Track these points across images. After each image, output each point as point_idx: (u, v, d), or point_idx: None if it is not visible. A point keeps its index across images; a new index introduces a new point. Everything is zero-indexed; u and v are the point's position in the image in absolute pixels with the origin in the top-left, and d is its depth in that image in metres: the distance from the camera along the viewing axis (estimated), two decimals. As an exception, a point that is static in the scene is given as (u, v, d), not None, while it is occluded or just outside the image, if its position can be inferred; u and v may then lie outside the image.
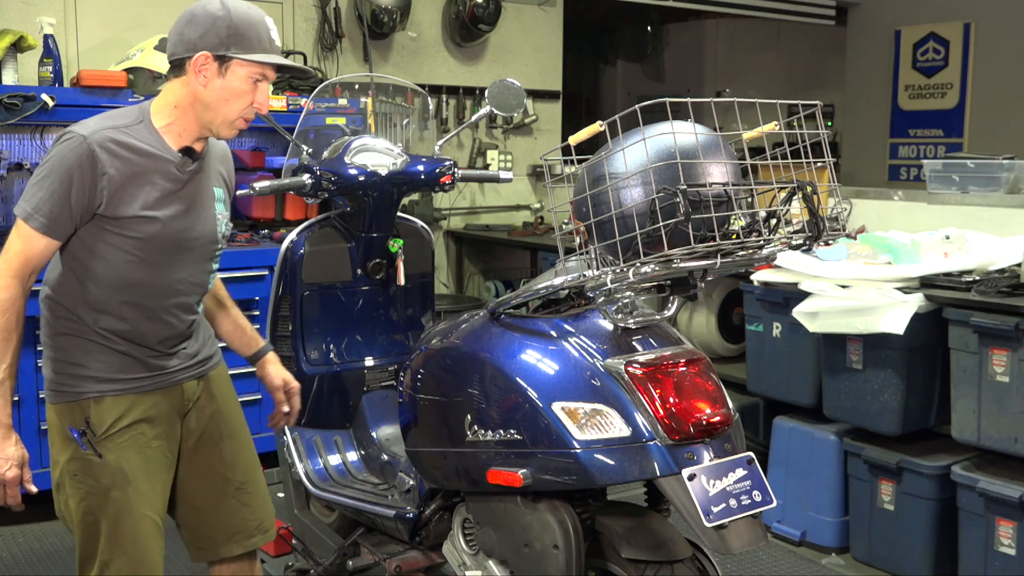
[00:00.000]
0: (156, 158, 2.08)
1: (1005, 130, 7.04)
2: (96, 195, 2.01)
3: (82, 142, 2.01)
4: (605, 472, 1.96)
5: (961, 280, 3.21)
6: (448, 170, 2.89)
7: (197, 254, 2.19)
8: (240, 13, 2.07)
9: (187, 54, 2.06)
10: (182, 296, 2.19)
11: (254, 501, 2.39)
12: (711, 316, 4.48)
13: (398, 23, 5.51)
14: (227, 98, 2.07)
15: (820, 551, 3.63)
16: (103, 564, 2.16)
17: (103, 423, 2.12)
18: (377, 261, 2.90)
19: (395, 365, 2.99)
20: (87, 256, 2.07)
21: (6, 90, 3.83)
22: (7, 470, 2.02)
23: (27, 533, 3.76)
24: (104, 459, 2.12)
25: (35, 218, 2.01)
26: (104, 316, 2.11)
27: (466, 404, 2.18)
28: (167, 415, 2.23)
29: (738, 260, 1.93)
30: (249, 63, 2.06)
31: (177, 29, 2.10)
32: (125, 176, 2.03)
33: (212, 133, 2.14)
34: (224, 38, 2.04)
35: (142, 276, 2.10)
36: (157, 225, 2.08)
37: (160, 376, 2.19)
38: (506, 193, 6.17)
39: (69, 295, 2.11)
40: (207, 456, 2.32)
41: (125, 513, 2.14)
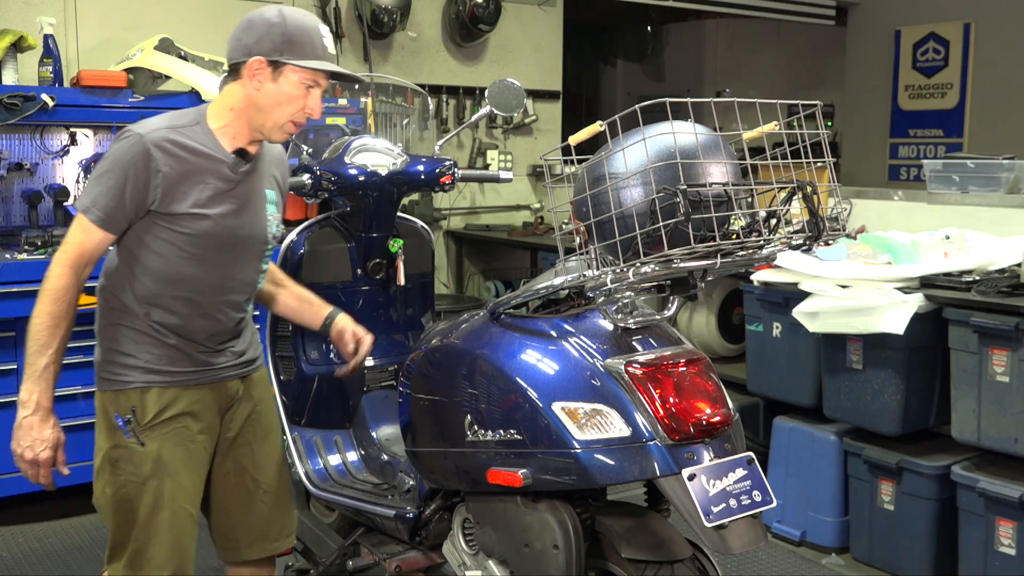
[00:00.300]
0: (210, 158, 2.14)
1: (1005, 130, 7.05)
2: (150, 192, 2.08)
3: (138, 140, 2.08)
4: (605, 472, 1.96)
5: (961, 280, 3.21)
6: (448, 170, 2.89)
7: (247, 253, 2.25)
8: (295, 21, 2.12)
9: (243, 59, 2.12)
10: (231, 294, 2.25)
11: (279, 505, 2.42)
12: (711, 316, 4.48)
13: (398, 23, 5.51)
14: (279, 102, 2.12)
15: (820, 551, 3.63)
16: (134, 553, 2.18)
17: (148, 412, 2.17)
18: (377, 261, 2.90)
19: (395, 365, 2.99)
20: (140, 250, 2.14)
21: (6, 90, 3.83)
22: (41, 451, 2.07)
23: (27, 533, 3.76)
24: (146, 448, 2.17)
25: (92, 212, 2.08)
26: (155, 309, 2.17)
27: (466, 404, 2.18)
28: (210, 411, 2.27)
29: (738, 260, 1.93)
30: (302, 69, 2.11)
31: (235, 35, 2.16)
32: (179, 174, 2.10)
33: (264, 136, 2.19)
34: (278, 44, 2.09)
35: (193, 272, 2.16)
36: (208, 222, 2.14)
37: (206, 371, 2.24)
38: (506, 193, 6.17)
39: (122, 287, 2.18)
40: (240, 457, 2.36)
41: (161, 503, 2.18)
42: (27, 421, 2.05)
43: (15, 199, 4.33)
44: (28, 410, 2.05)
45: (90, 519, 3.89)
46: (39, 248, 3.81)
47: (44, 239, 3.85)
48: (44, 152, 4.36)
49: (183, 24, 4.88)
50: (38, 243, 3.83)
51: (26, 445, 2.06)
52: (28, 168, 4.32)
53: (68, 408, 3.83)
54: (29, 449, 2.06)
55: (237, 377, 2.32)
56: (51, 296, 2.06)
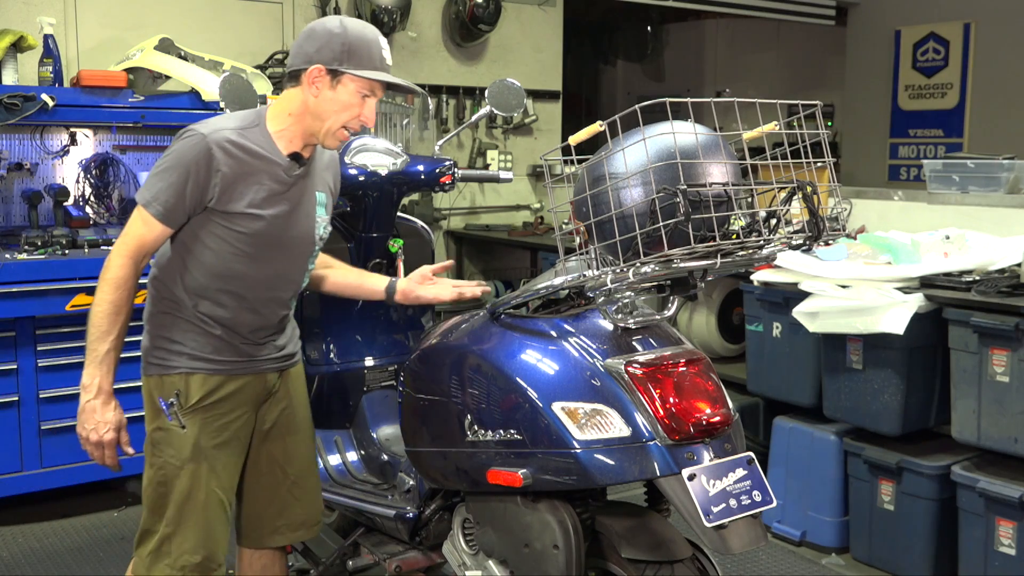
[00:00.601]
0: (266, 160, 2.21)
1: (1005, 130, 7.04)
2: (209, 190, 2.15)
3: (202, 140, 2.14)
4: (605, 472, 1.96)
5: (961, 280, 3.21)
6: (448, 170, 2.89)
7: (295, 252, 2.32)
8: (355, 31, 2.19)
9: (303, 66, 2.18)
10: (278, 291, 2.32)
11: (305, 496, 2.50)
12: (711, 316, 4.48)
13: (398, 23, 5.52)
14: (335, 110, 2.19)
15: (820, 551, 3.63)
16: (165, 538, 2.25)
17: (192, 397, 2.25)
18: (377, 261, 2.90)
19: (395, 365, 2.99)
20: (194, 244, 2.21)
21: (6, 90, 3.83)
22: (105, 433, 2.14)
23: (27, 533, 3.76)
24: (187, 431, 2.24)
25: (153, 206, 2.15)
26: (204, 301, 2.24)
27: (466, 404, 2.18)
28: (249, 401, 2.34)
29: (738, 260, 1.93)
30: (359, 78, 2.17)
31: (298, 43, 2.22)
32: (237, 174, 2.17)
33: (318, 141, 2.25)
34: (338, 53, 2.15)
35: (243, 268, 2.23)
36: (262, 223, 2.21)
37: (249, 363, 2.31)
38: (506, 193, 6.17)
39: (174, 278, 2.25)
40: (271, 448, 2.43)
41: (197, 487, 2.25)
42: (90, 405, 2.13)
43: (15, 199, 4.34)
44: (91, 394, 2.12)
45: (90, 519, 3.89)
46: (39, 248, 3.81)
47: (44, 239, 3.85)
48: (44, 152, 4.36)
49: (183, 24, 4.89)
50: (38, 243, 3.83)
51: (90, 428, 2.13)
52: (28, 168, 4.32)
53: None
54: (94, 431, 2.13)
55: (276, 370, 2.39)
56: (112, 285, 2.13)
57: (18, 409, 3.76)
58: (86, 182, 4.43)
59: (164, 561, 2.24)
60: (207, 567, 2.26)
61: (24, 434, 3.77)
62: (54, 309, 3.71)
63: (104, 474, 3.95)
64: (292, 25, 5.33)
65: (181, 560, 2.23)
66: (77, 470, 3.87)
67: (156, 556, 2.25)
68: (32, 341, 3.78)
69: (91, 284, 2.23)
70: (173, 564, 2.24)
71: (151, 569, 2.25)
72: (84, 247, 3.93)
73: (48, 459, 3.82)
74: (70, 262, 3.75)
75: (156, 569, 2.25)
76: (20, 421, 3.76)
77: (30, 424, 3.78)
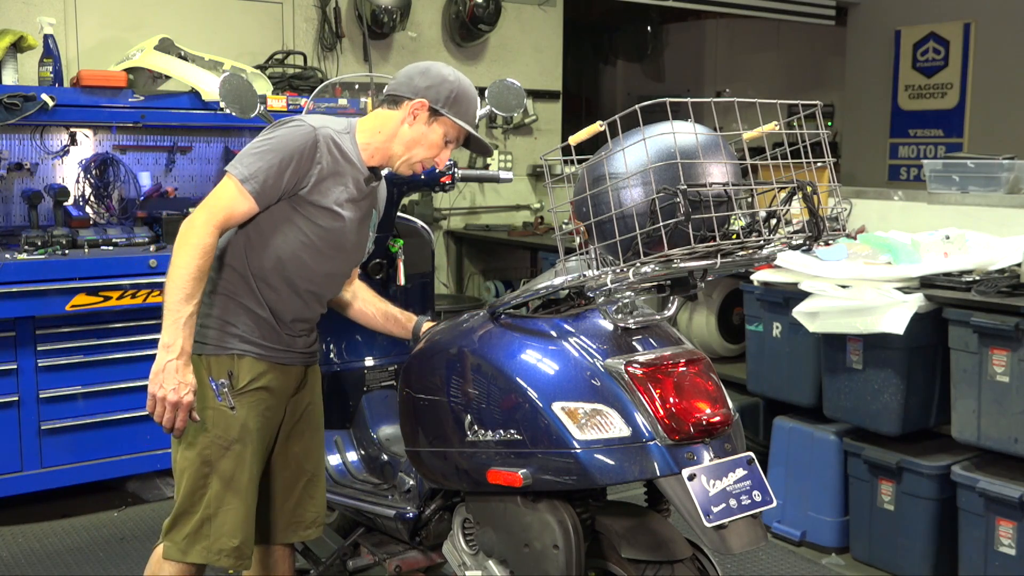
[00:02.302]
0: (354, 166, 2.33)
1: (1005, 130, 7.04)
2: (306, 179, 2.24)
3: (311, 131, 2.24)
4: (605, 472, 1.96)
5: (961, 280, 3.20)
6: (448, 170, 2.89)
7: (349, 258, 2.43)
8: (464, 85, 2.37)
9: (409, 95, 2.33)
10: (325, 288, 2.41)
11: (317, 494, 2.54)
12: (711, 316, 4.48)
13: (398, 23, 5.51)
14: (421, 143, 2.34)
15: (820, 551, 3.63)
16: (204, 520, 2.25)
17: (242, 379, 2.29)
18: (377, 261, 2.90)
19: (395, 365, 2.99)
20: (270, 228, 2.27)
21: (6, 90, 3.83)
22: (185, 394, 2.14)
23: (27, 533, 3.76)
24: (236, 413, 2.27)
25: (251, 182, 2.19)
26: (262, 284, 2.30)
27: (466, 404, 2.18)
28: (284, 391, 2.41)
29: (738, 260, 1.93)
30: (453, 124, 2.34)
31: (410, 73, 2.36)
32: (332, 171, 2.28)
33: (392, 165, 2.39)
34: (445, 97, 2.32)
35: (306, 259, 2.30)
36: (340, 222, 2.31)
37: (288, 352, 2.38)
38: (506, 193, 6.17)
39: (238, 258, 2.29)
40: (293, 444, 2.49)
41: (239, 470, 2.28)
42: (172, 364, 2.11)
43: (15, 199, 4.34)
44: (173, 354, 2.11)
45: (90, 519, 3.89)
46: (39, 248, 3.80)
47: (44, 239, 3.85)
48: (44, 152, 4.36)
49: (183, 24, 4.89)
50: (38, 243, 3.82)
51: (170, 387, 2.12)
52: (28, 168, 4.32)
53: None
54: (174, 391, 2.12)
55: (304, 364, 2.46)
56: (199, 251, 2.13)
57: (18, 409, 3.76)
58: (86, 182, 4.43)
59: (201, 543, 2.24)
60: (242, 552, 2.27)
61: (24, 434, 3.77)
62: (54, 309, 3.71)
63: (104, 474, 3.95)
64: (292, 25, 5.33)
65: (219, 543, 2.24)
66: (77, 470, 3.87)
67: (193, 539, 2.24)
68: (32, 341, 3.78)
69: (91, 284, 2.22)
70: (211, 547, 2.24)
71: (187, 554, 2.25)
72: (84, 247, 3.92)
73: (48, 459, 3.82)
74: (70, 262, 3.74)
75: (192, 554, 2.24)
76: (20, 421, 3.76)
77: (30, 424, 3.78)
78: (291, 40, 5.29)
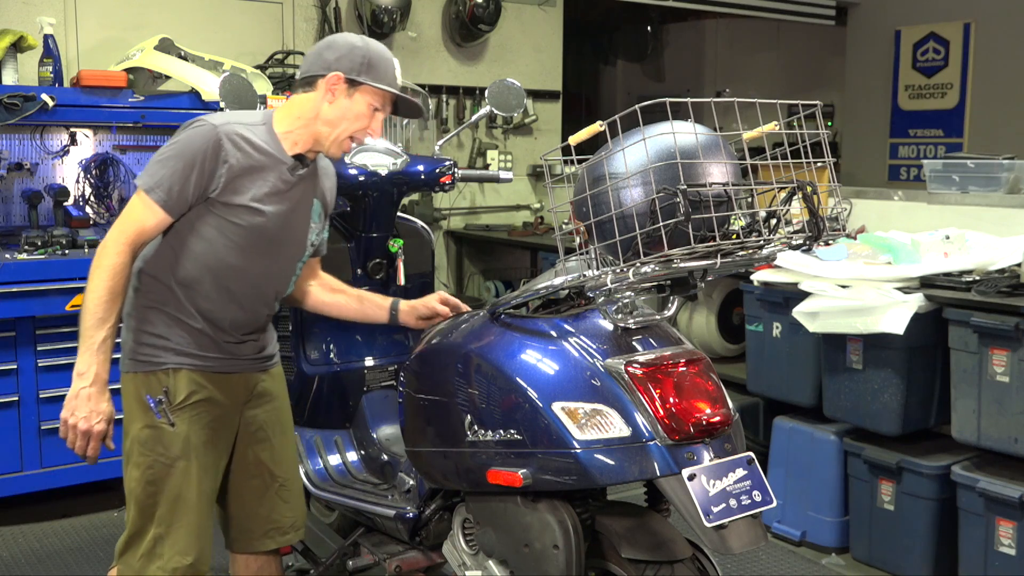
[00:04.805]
0: (272, 157, 2.24)
1: (1005, 130, 7.04)
2: (214, 180, 2.16)
3: (212, 130, 2.16)
4: (605, 472, 1.96)
5: (961, 280, 3.20)
6: (448, 170, 2.88)
7: (285, 253, 2.34)
8: (375, 47, 2.26)
9: (321, 72, 2.22)
10: (263, 288, 2.33)
11: (292, 498, 2.49)
12: (711, 316, 4.48)
13: (398, 23, 5.52)
14: (347, 118, 2.24)
15: (820, 551, 3.63)
16: (157, 539, 2.22)
17: (179, 394, 2.23)
18: (377, 261, 2.90)
19: (395, 365, 2.99)
20: (190, 235, 2.20)
21: (6, 90, 3.83)
22: (97, 423, 2.10)
23: (27, 533, 3.76)
24: (176, 429, 2.22)
25: (157, 192, 2.13)
26: (191, 293, 2.23)
27: (466, 404, 2.18)
28: (231, 401, 2.33)
29: (738, 260, 1.93)
30: (375, 91, 2.24)
31: (316, 51, 2.26)
32: (243, 168, 2.19)
33: (323, 148, 2.29)
34: (358, 65, 2.22)
35: (234, 262, 2.23)
36: (261, 218, 2.22)
37: (231, 361, 2.31)
38: (506, 193, 6.17)
39: (162, 269, 2.23)
40: (259, 451, 2.42)
41: (188, 485, 2.22)
42: (85, 392, 2.08)
43: (15, 199, 4.33)
44: (86, 381, 2.08)
45: (90, 519, 3.89)
46: (39, 248, 3.81)
47: (44, 239, 3.85)
48: (44, 152, 4.36)
49: (183, 24, 4.89)
50: (38, 243, 3.83)
51: (82, 415, 2.08)
52: (28, 168, 4.32)
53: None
54: (85, 420, 2.08)
55: (257, 370, 2.39)
56: (110, 272, 2.09)
57: (18, 409, 3.76)
58: (86, 182, 4.43)
59: (156, 563, 2.20)
60: (198, 568, 2.23)
61: (24, 434, 3.77)
62: (54, 309, 3.71)
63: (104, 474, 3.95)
64: (292, 25, 5.33)
65: (173, 562, 2.20)
66: (77, 470, 3.87)
67: (148, 559, 2.21)
68: (32, 341, 3.78)
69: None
70: (165, 566, 2.20)
71: (143, 573, 2.21)
72: (84, 247, 3.92)
73: (48, 459, 3.82)
74: (70, 262, 3.74)
75: (148, 572, 2.21)
76: (20, 421, 3.75)
77: (30, 424, 3.77)
78: (291, 40, 5.29)
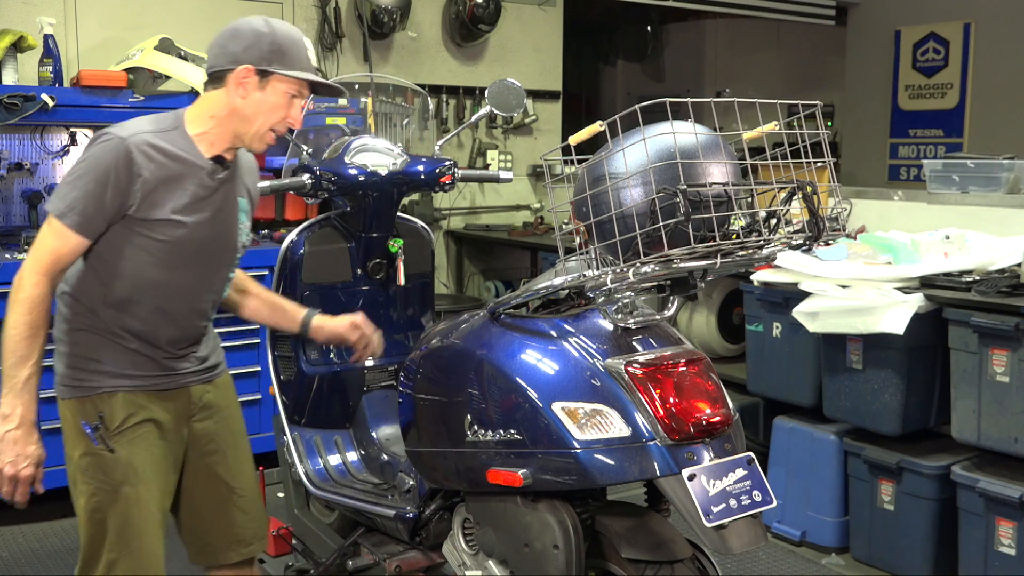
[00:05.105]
0: (189, 164, 2.12)
1: (1005, 130, 7.04)
2: (130, 196, 2.05)
3: (120, 143, 2.04)
4: (605, 472, 1.96)
5: (961, 280, 3.20)
6: (448, 170, 2.88)
7: (217, 260, 2.25)
8: (282, 31, 2.14)
9: (229, 66, 2.11)
10: (199, 301, 2.25)
11: (252, 508, 2.43)
12: (711, 316, 4.48)
13: (398, 23, 5.51)
14: (264, 111, 2.13)
15: (820, 551, 3.63)
16: (110, 563, 2.16)
17: (116, 418, 2.15)
18: (377, 261, 2.90)
19: (395, 365, 2.99)
20: (112, 255, 2.11)
21: (6, 90, 3.83)
22: (24, 467, 2.03)
23: (27, 533, 3.76)
24: (116, 454, 2.14)
25: (69, 216, 2.04)
26: (122, 314, 2.14)
27: (466, 404, 2.18)
28: (175, 417, 2.26)
29: (738, 260, 1.93)
30: (289, 79, 2.12)
31: (220, 43, 2.14)
32: (159, 179, 2.07)
33: (244, 144, 2.19)
34: (267, 54, 2.10)
35: (164, 278, 2.14)
36: (184, 230, 2.12)
37: (171, 376, 2.23)
38: (506, 193, 6.17)
39: (88, 292, 2.14)
40: (213, 463, 2.35)
41: (135, 510, 2.15)
42: (11, 435, 2.00)
43: (15, 199, 4.33)
44: (12, 424, 2.00)
45: (90, 519, 3.88)
46: (39, 248, 3.80)
47: (44, 239, 3.85)
48: (44, 152, 4.36)
49: (183, 24, 4.88)
50: (38, 243, 3.82)
51: (8, 460, 2.00)
52: (28, 168, 4.32)
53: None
54: (11, 465, 2.01)
55: (201, 383, 2.31)
56: (27, 306, 2.01)
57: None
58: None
59: None
60: None
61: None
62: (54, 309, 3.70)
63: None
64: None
65: None
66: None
67: None
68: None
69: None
70: None
71: None
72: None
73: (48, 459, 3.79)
74: (70, 262, 3.74)
75: None
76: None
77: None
78: (291, 40, 5.28)
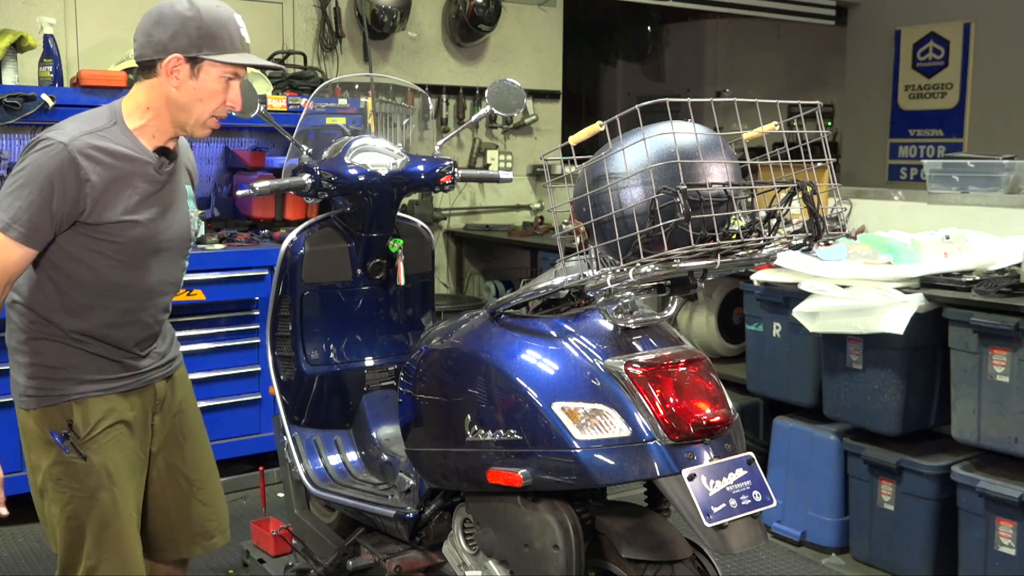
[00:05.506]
0: (135, 161, 2.07)
1: (1005, 130, 7.04)
2: (79, 203, 1.99)
3: (62, 150, 1.97)
4: (605, 472, 1.96)
5: (961, 280, 3.21)
6: (448, 170, 2.88)
7: (174, 253, 2.22)
8: (210, 13, 2.04)
9: (158, 56, 2.03)
10: (160, 296, 2.22)
11: (214, 501, 2.41)
12: (711, 316, 4.48)
13: (398, 23, 5.51)
14: (201, 99, 2.06)
15: (820, 551, 3.63)
16: (89, 569, 2.13)
17: (87, 424, 2.12)
18: (377, 261, 2.90)
19: (395, 365, 2.99)
20: (68, 263, 2.05)
21: (6, 90, 3.83)
22: None
23: (27, 533, 3.76)
24: (89, 461, 2.11)
25: (14, 228, 1.97)
26: (82, 320, 2.10)
27: (466, 404, 2.18)
28: (142, 416, 2.24)
29: (738, 260, 1.93)
30: (221, 64, 2.05)
31: (144, 30, 2.05)
32: (107, 181, 2.01)
33: (186, 133, 2.13)
34: (195, 39, 2.01)
35: (124, 279, 2.11)
36: (139, 229, 2.08)
37: (136, 376, 2.21)
38: (506, 193, 6.17)
39: (44, 301, 2.09)
40: (171, 457, 2.33)
41: (112, 514, 2.13)
42: None
43: (15, 199, 4.33)
44: None
45: (90, 519, 3.88)
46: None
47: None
48: (44, 152, 4.36)
49: (183, 24, 4.87)
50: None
51: None
52: (27, 168, 4.32)
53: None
54: None
55: (162, 378, 2.29)
56: None
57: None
58: None
59: None
60: None
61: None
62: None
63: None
64: (292, 25, 5.33)
65: None
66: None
67: None
68: None
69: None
70: None
71: None
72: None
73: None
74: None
75: None
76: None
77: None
78: (291, 40, 5.29)
